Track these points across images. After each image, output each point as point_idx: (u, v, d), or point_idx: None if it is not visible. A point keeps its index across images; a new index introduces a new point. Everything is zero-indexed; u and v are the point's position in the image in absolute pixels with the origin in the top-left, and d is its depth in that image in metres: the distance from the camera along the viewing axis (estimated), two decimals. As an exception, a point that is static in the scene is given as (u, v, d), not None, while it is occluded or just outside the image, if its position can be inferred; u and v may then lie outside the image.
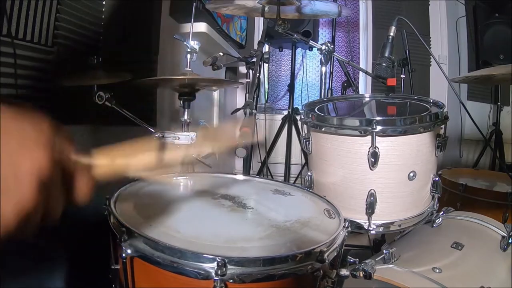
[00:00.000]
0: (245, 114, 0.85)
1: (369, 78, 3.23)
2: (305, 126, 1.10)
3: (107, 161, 0.43)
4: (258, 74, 1.70)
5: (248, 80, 1.82)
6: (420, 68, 2.73)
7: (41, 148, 0.31)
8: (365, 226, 0.99)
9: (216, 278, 0.55)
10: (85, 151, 0.41)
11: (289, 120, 2.40)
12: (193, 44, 1.37)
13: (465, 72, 3.21)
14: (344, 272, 0.82)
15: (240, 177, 1.05)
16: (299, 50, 2.99)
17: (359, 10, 3.36)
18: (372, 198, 0.96)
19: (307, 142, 1.09)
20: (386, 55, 1.25)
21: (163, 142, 1.22)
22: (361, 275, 0.81)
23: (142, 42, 1.93)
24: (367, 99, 1.32)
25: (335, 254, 0.68)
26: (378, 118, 0.94)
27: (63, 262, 0.73)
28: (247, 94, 1.77)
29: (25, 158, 0.29)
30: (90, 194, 0.38)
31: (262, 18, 1.44)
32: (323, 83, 1.56)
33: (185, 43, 1.39)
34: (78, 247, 0.79)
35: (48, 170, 0.31)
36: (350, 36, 3.41)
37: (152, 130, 1.27)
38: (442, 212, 1.14)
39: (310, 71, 3.43)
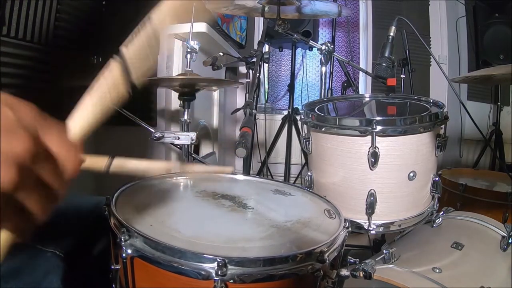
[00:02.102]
0: (245, 114, 0.85)
1: (369, 78, 3.23)
2: (305, 126, 1.10)
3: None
4: (258, 74, 1.69)
5: (248, 80, 1.82)
6: (420, 68, 2.73)
7: (18, 131, 0.32)
8: (365, 226, 0.99)
9: (217, 278, 0.55)
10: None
11: (289, 120, 2.40)
12: (193, 44, 1.37)
13: (465, 72, 3.21)
14: (344, 272, 0.82)
15: (240, 177, 1.05)
16: (299, 50, 2.99)
17: (359, 10, 3.36)
18: (372, 198, 0.96)
19: (307, 142, 1.09)
20: (386, 55, 1.25)
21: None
22: (361, 275, 0.81)
23: (142, 42, 1.93)
24: (367, 99, 1.32)
25: (336, 254, 0.68)
26: (378, 118, 0.94)
27: (62, 262, 0.73)
28: (247, 94, 1.77)
29: (2, 142, 0.30)
30: (78, 168, 0.38)
31: (262, 18, 1.44)
32: (323, 83, 1.56)
33: (185, 43, 1.39)
34: (78, 247, 0.79)
35: (26, 150, 0.31)
36: (350, 36, 3.41)
37: (152, 130, 1.27)
38: (442, 212, 1.14)
39: (310, 71, 3.43)
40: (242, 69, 2.34)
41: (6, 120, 0.31)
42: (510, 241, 0.97)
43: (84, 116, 0.42)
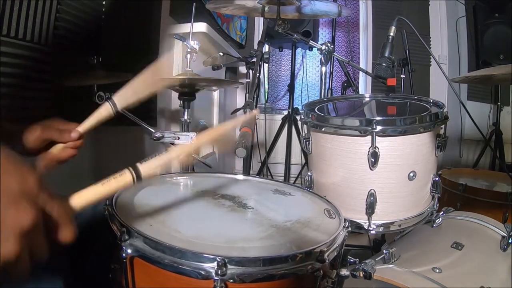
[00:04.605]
0: (245, 114, 0.85)
1: (369, 78, 3.23)
2: (305, 126, 1.10)
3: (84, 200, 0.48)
4: (258, 74, 1.70)
5: (248, 80, 1.82)
6: (420, 68, 2.73)
7: (25, 204, 0.33)
8: (365, 226, 0.99)
9: (216, 278, 0.55)
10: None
11: (289, 120, 2.40)
12: (193, 44, 1.37)
13: (465, 72, 3.22)
14: (344, 272, 0.82)
15: (240, 177, 1.05)
16: (299, 50, 2.99)
17: (359, 10, 3.36)
18: (372, 198, 0.96)
19: (307, 142, 1.09)
20: (386, 55, 1.25)
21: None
22: (361, 275, 0.81)
23: (142, 42, 1.93)
24: (367, 99, 1.32)
25: (335, 254, 0.68)
26: (378, 118, 0.94)
27: (62, 262, 0.73)
28: (247, 94, 1.78)
29: (10, 215, 0.31)
30: (73, 232, 0.41)
31: (262, 18, 1.44)
32: (323, 83, 1.56)
33: (185, 43, 1.39)
34: (78, 247, 0.79)
35: (31, 224, 0.33)
36: (350, 36, 3.41)
37: (152, 130, 1.27)
38: (442, 212, 1.14)
39: (310, 71, 3.43)
40: (242, 69, 2.35)
41: (12, 193, 0.32)
42: (510, 241, 0.97)
43: (89, 198, 0.48)
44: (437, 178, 1.04)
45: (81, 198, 0.47)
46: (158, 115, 2.02)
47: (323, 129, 1.01)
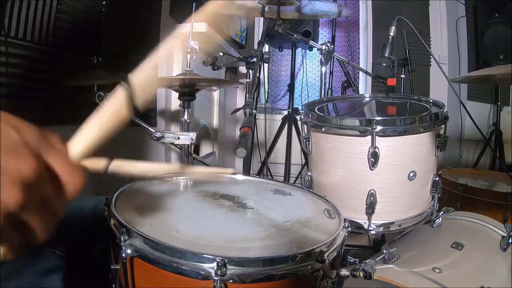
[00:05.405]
0: (245, 114, 0.85)
1: (369, 78, 3.23)
2: (305, 126, 1.10)
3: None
4: (258, 74, 1.70)
5: (248, 80, 1.82)
6: (420, 68, 2.73)
7: (25, 152, 0.32)
8: (365, 226, 0.99)
9: (216, 278, 0.55)
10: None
11: (289, 120, 2.40)
12: (193, 44, 1.37)
13: (465, 72, 3.22)
14: (344, 272, 0.82)
15: (240, 177, 1.05)
16: (299, 50, 2.99)
17: (359, 10, 3.36)
18: (372, 198, 0.96)
19: (307, 142, 1.09)
20: (386, 55, 1.25)
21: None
22: (361, 275, 0.81)
23: (142, 42, 1.93)
24: (367, 99, 1.32)
25: (335, 254, 0.68)
26: (378, 118, 0.94)
27: (62, 262, 0.73)
28: (247, 94, 1.77)
29: (9, 162, 0.30)
30: (80, 189, 0.38)
31: (262, 18, 1.44)
32: (323, 83, 1.56)
33: (185, 43, 1.39)
34: (78, 247, 0.79)
35: (32, 172, 0.32)
36: (350, 36, 3.41)
37: (152, 130, 1.27)
38: (442, 212, 1.14)
39: (310, 71, 3.43)
40: (242, 69, 2.34)
41: (11, 141, 0.32)
42: (510, 241, 0.97)
43: (86, 139, 0.42)
44: (437, 178, 1.04)
45: (79, 144, 0.41)
46: (158, 115, 2.02)
47: (323, 129, 1.01)
